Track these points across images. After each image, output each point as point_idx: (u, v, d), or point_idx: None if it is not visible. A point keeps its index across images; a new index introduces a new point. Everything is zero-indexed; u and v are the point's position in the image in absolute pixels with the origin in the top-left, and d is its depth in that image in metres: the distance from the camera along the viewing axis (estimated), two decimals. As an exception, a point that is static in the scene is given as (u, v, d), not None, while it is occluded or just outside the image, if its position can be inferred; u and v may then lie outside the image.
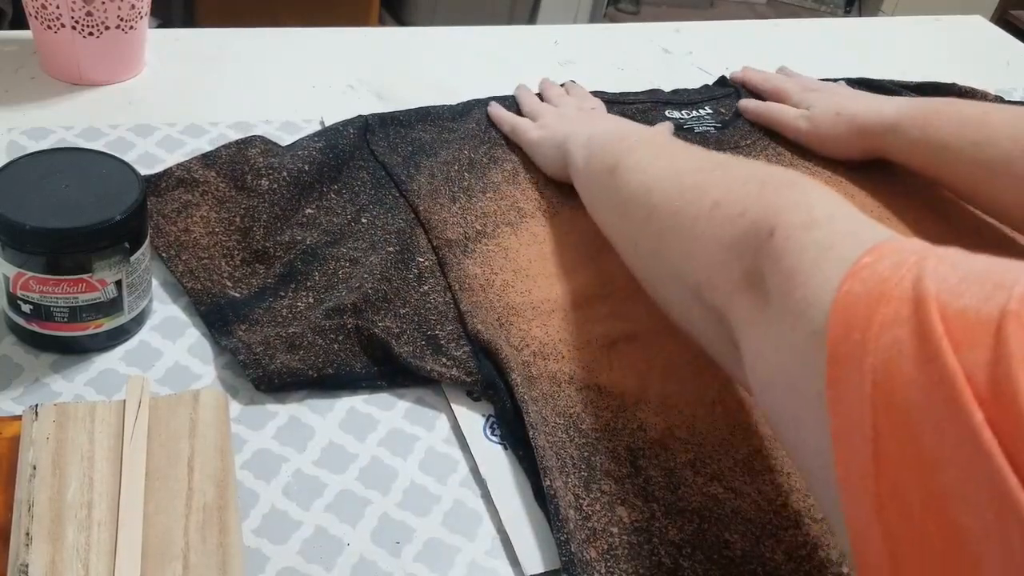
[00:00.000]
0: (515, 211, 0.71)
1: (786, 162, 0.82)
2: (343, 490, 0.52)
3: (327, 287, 0.62)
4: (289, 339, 0.58)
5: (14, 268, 0.53)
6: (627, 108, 0.86)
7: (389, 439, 0.55)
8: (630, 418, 0.57)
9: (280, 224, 0.66)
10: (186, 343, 0.59)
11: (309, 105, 0.82)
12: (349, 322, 0.59)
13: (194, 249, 0.63)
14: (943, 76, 0.97)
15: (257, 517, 0.50)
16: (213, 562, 0.44)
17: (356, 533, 0.50)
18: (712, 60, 0.96)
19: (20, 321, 0.55)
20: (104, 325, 0.56)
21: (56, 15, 0.74)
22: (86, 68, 0.79)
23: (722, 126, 0.86)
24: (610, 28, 1.10)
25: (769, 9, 3.10)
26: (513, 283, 0.65)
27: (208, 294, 0.61)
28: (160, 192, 0.67)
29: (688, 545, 0.50)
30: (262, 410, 0.56)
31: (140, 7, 0.77)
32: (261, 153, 0.71)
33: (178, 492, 0.47)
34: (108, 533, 0.44)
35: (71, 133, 0.74)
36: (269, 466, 0.53)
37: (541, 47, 0.99)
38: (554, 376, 0.59)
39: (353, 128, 0.75)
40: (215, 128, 0.77)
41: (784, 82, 0.88)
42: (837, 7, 3.20)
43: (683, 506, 0.52)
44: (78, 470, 0.47)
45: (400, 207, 0.70)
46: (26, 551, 0.43)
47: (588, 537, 0.50)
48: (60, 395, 0.54)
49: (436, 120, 0.79)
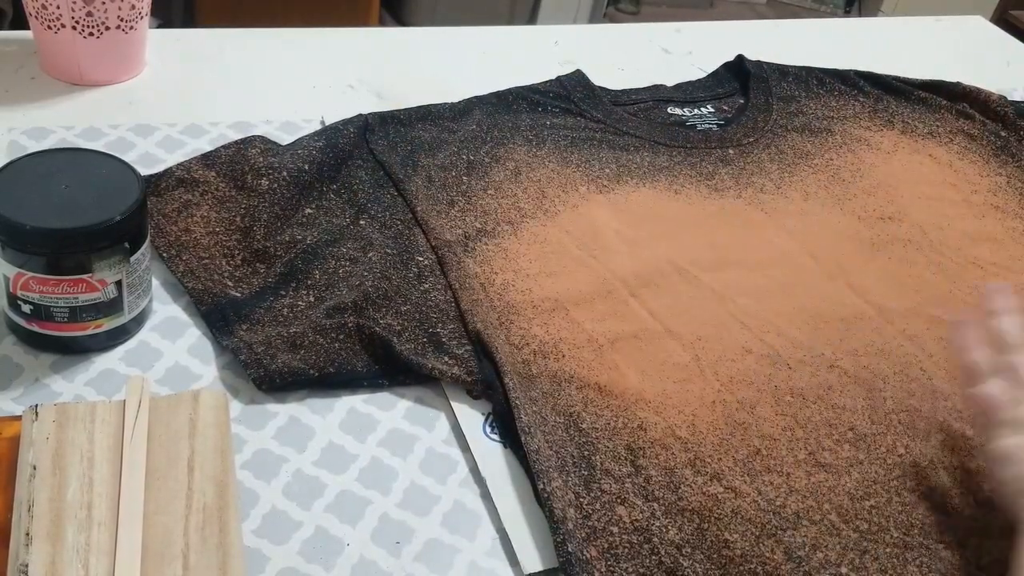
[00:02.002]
0: (516, 210, 0.71)
1: (786, 162, 0.82)
2: (343, 490, 0.52)
3: (327, 286, 0.62)
4: (290, 338, 0.58)
5: (14, 268, 0.53)
6: (629, 107, 0.86)
7: (389, 439, 0.55)
8: (630, 417, 0.57)
9: (280, 223, 0.66)
10: (186, 343, 0.59)
11: (309, 105, 0.82)
12: (350, 320, 0.59)
13: (195, 249, 0.63)
14: (943, 76, 0.97)
15: (257, 517, 0.50)
16: (213, 562, 0.44)
17: (356, 533, 0.50)
18: (712, 60, 0.96)
19: (20, 321, 0.55)
20: (104, 325, 0.56)
21: (56, 15, 0.74)
22: (86, 68, 0.79)
23: (724, 123, 0.86)
24: (610, 28, 1.11)
25: (769, 9, 3.10)
26: (514, 282, 0.65)
27: (209, 294, 0.61)
28: (160, 192, 0.67)
29: (688, 545, 0.51)
30: (262, 410, 0.56)
31: (140, 7, 0.77)
32: (261, 153, 0.71)
33: (178, 492, 0.47)
34: (108, 533, 0.44)
35: (71, 133, 0.74)
36: (269, 466, 0.53)
37: (541, 47, 0.99)
38: (554, 375, 0.59)
39: (353, 127, 0.75)
40: (215, 128, 0.77)
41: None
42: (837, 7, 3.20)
43: (683, 506, 0.52)
44: (78, 470, 0.47)
45: (399, 206, 0.70)
46: (26, 551, 0.43)
47: (588, 536, 0.50)
48: (60, 395, 0.54)
49: (436, 119, 0.79)
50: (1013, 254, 0.76)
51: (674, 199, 0.76)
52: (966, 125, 0.91)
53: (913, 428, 0.60)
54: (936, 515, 0.54)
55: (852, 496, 0.55)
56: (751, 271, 0.70)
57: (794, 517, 0.53)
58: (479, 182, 0.74)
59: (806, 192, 0.79)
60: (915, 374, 0.63)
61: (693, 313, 0.65)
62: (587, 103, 0.85)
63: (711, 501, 0.53)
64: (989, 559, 0.53)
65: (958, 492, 0.56)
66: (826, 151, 0.85)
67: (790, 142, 0.85)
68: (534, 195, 0.73)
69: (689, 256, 0.70)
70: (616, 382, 0.59)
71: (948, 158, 0.86)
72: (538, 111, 0.83)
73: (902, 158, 0.85)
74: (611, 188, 0.76)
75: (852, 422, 0.59)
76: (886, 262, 0.73)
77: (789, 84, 0.93)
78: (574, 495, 0.52)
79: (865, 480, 0.56)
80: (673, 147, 0.82)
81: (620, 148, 0.80)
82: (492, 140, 0.78)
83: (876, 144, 0.87)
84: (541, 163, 0.77)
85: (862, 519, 0.54)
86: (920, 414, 0.61)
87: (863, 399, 0.61)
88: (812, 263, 0.71)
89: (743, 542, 0.51)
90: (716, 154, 0.82)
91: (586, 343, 0.61)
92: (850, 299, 0.69)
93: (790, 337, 0.64)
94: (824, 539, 0.52)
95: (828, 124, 0.88)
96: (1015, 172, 0.86)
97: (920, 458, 0.58)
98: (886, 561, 0.52)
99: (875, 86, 0.95)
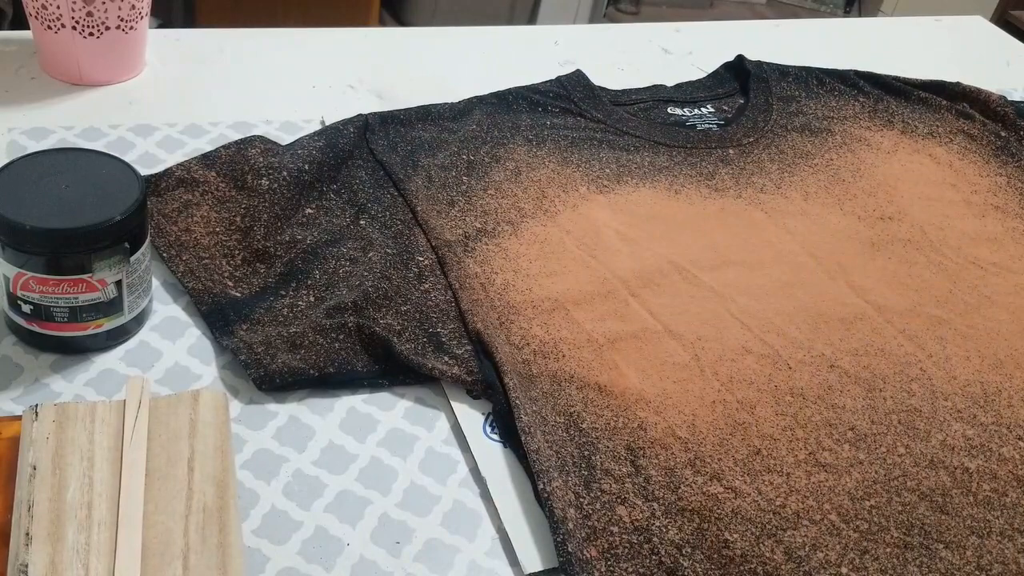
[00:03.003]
0: (516, 210, 0.71)
1: (786, 162, 0.82)
2: (343, 490, 0.52)
3: (328, 286, 0.62)
4: (290, 338, 0.58)
5: (14, 268, 0.53)
6: (629, 107, 0.86)
7: (389, 439, 0.55)
8: (630, 417, 0.57)
9: (280, 223, 0.66)
10: (186, 343, 0.59)
11: (309, 105, 0.82)
12: (350, 320, 0.59)
13: (195, 249, 0.63)
14: (943, 76, 0.97)
15: (257, 517, 0.50)
16: (213, 562, 0.44)
17: (356, 533, 0.50)
18: (712, 60, 0.96)
19: (20, 321, 0.55)
20: (104, 325, 0.56)
21: (56, 15, 0.74)
22: (86, 68, 0.79)
23: (724, 123, 0.86)
24: (610, 28, 1.10)
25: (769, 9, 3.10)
26: (514, 282, 0.65)
27: (209, 294, 0.61)
28: (160, 192, 0.67)
29: (688, 545, 0.51)
30: (262, 410, 0.56)
31: (140, 7, 0.77)
32: (261, 153, 0.71)
33: (178, 492, 0.47)
34: (108, 533, 0.44)
35: (71, 133, 0.74)
36: (269, 466, 0.53)
37: (541, 47, 0.99)
38: (554, 375, 0.59)
39: (353, 127, 0.75)
40: (215, 128, 0.77)
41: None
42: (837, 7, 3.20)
43: (683, 505, 0.52)
44: (78, 470, 0.47)
45: (399, 206, 0.70)
46: (26, 551, 0.43)
47: (588, 536, 0.50)
48: (60, 395, 0.54)
49: (437, 119, 0.79)
50: (1013, 254, 0.76)
51: (674, 199, 0.76)
52: (966, 125, 0.91)
53: (913, 428, 0.60)
54: (936, 515, 0.54)
55: (852, 496, 0.55)
56: (751, 271, 0.70)
57: (794, 517, 0.53)
58: (479, 182, 0.74)
59: (806, 192, 0.79)
60: (915, 374, 0.63)
61: (693, 313, 0.65)
62: (587, 103, 0.85)
63: (711, 501, 0.53)
64: (989, 559, 0.53)
65: (958, 492, 0.56)
66: (826, 151, 0.85)
67: (790, 142, 0.85)
68: (534, 195, 0.73)
69: (689, 256, 0.70)
70: (616, 382, 0.59)
71: (948, 158, 0.86)
72: (538, 111, 0.83)
73: (902, 158, 0.85)
74: (611, 188, 0.76)
75: (852, 422, 0.59)
76: (886, 262, 0.73)
77: (789, 84, 0.93)
78: (574, 495, 0.52)
79: (865, 480, 0.56)
80: (673, 147, 0.82)
81: (620, 148, 0.80)
82: (492, 140, 0.78)
83: (876, 144, 0.87)
84: (541, 163, 0.77)
85: (862, 519, 0.54)
86: (920, 414, 0.61)
87: (863, 399, 0.61)
88: (812, 263, 0.71)
89: (743, 542, 0.51)
90: (716, 154, 0.82)
91: (586, 343, 0.61)
92: (850, 299, 0.69)
93: (790, 337, 0.64)
94: (824, 539, 0.52)
95: (828, 124, 0.88)
96: (1015, 172, 0.86)
97: (920, 458, 0.58)
98: (886, 561, 0.52)
99: (875, 86, 0.95)
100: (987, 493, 0.56)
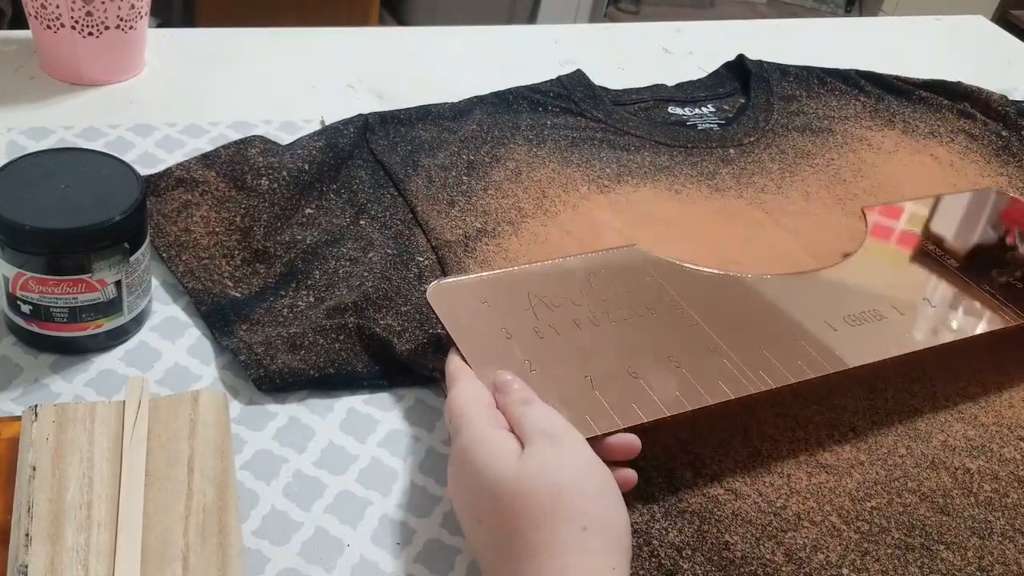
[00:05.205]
0: (516, 210, 0.71)
1: (787, 162, 0.82)
2: (343, 491, 0.52)
3: (328, 286, 0.62)
4: (290, 339, 0.58)
5: (14, 268, 0.53)
6: (629, 107, 0.86)
7: (389, 440, 0.55)
8: (631, 419, 0.57)
9: (280, 224, 0.66)
10: (186, 343, 0.59)
11: (309, 105, 0.82)
12: (350, 321, 0.59)
13: (194, 249, 0.63)
14: (944, 76, 0.97)
15: (257, 518, 0.50)
16: (213, 563, 0.44)
17: (356, 534, 0.50)
18: (712, 60, 0.96)
19: (20, 321, 0.55)
20: (104, 325, 0.56)
21: (56, 15, 0.74)
22: (86, 68, 0.78)
23: (725, 123, 0.86)
24: (610, 28, 1.10)
25: (769, 9, 3.10)
26: (513, 283, 0.65)
27: (209, 294, 0.61)
28: (160, 192, 0.67)
29: (688, 547, 0.50)
30: (262, 410, 0.56)
31: (140, 7, 0.77)
32: (261, 153, 0.70)
33: (178, 493, 0.47)
34: (108, 534, 0.44)
35: (71, 133, 0.74)
36: (269, 467, 0.52)
37: (541, 47, 0.99)
38: (554, 376, 0.59)
39: (353, 127, 0.75)
40: (215, 128, 0.77)
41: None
42: (837, 7, 3.20)
43: (683, 507, 0.52)
44: (78, 471, 0.47)
45: (399, 206, 0.70)
46: (25, 552, 0.43)
47: (588, 538, 0.50)
48: (60, 395, 0.54)
49: (437, 119, 0.79)
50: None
51: (675, 199, 0.76)
52: (967, 125, 0.91)
53: (914, 428, 0.60)
54: (937, 516, 0.54)
55: (853, 497, 0.55)
56: (752, 270, 0.70)
57: (795, 518, 0.53)
58: (479, 182, 0.74)
59: (807, 192, 0.79)
60: (915, 374, 0.63)
61: (694, 313, 0.65)
62: (588, 103, 0.85)
63: (711, 503, 0.53)
64: (990, 560, 0.52)
65: (959, 492, 0.56)
66: (827, 151, 0.85)
67: (791, 142, 0.85)
68: (535, 195, 0.73)
69: (690, 255, 0.70)
70: (616, 382, 0.59)
71: (949, 158, 0.86)
72: (538, 111, 0.83)
73: (903, 158, 0.85)
74: (612, 188, 0.76)
75: (853, 422, 0.59)
76: (887, 262, 0.73)
77: (790, 84, 0.93)
78: (574, 496, 0.52)
79: (866, 481, 0.56)
80: (674, 147, 0.82)
81: (621, 148, 0.80)
82: (492, 140, 0.78)
83: (877, 144, 0.87)
84: (542, 163, 0.77)
85: (863, 520, 0.53)
86: (921, 414, 0.61)
87: (864, 399, 0.61)
88: (813, 263, 0.71)
89: (743, 544, 0.51)
90: (717, 154, 0.82)
91: (586, 343, 0.61)
92: (851, 299, 0.68)
93: (791, 337, 0.64)
94: (825, 540, 0.52)
95: (829, 124, 0.88)
96: (1016, 172, 0.86)
97: (921, 459, 0.58)
98: (887, 562, 0.51)
99: (876, 86, 0.95)
100: (988, 494, 0.56)
